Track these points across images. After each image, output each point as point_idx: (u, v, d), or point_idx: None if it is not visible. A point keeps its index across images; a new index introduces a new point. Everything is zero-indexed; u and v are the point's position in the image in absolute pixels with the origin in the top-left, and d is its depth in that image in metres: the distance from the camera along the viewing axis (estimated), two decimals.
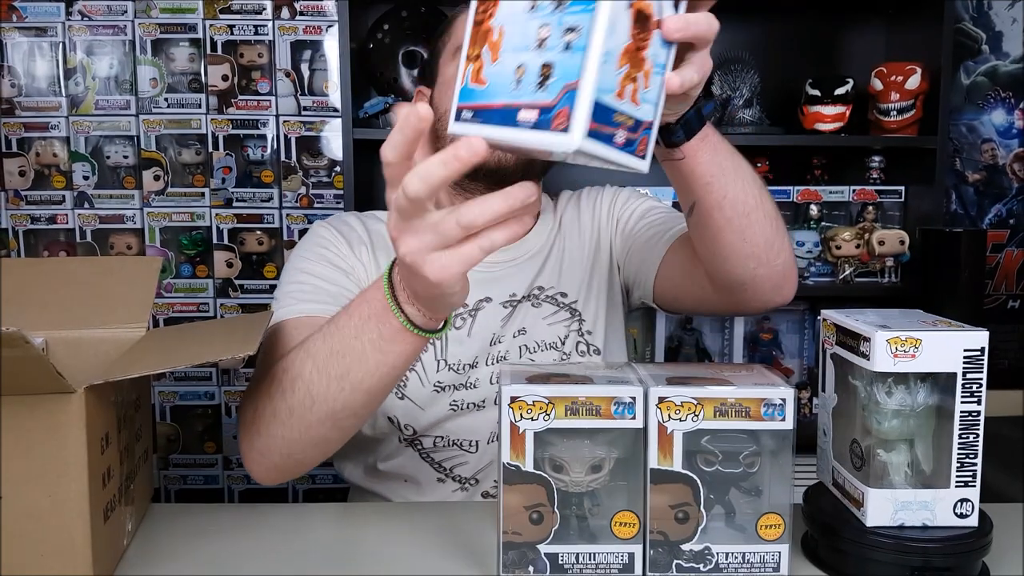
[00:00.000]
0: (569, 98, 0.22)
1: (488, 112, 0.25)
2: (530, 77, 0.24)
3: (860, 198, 0.92)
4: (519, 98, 0.24)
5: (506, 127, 0.24)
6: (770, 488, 0.32)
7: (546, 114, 0.23)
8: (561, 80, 0.23)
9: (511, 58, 0.24)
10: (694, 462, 0.32)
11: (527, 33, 0.24)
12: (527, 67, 0.24)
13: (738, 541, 0.33)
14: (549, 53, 0.23)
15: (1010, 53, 0.98)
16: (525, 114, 0.24)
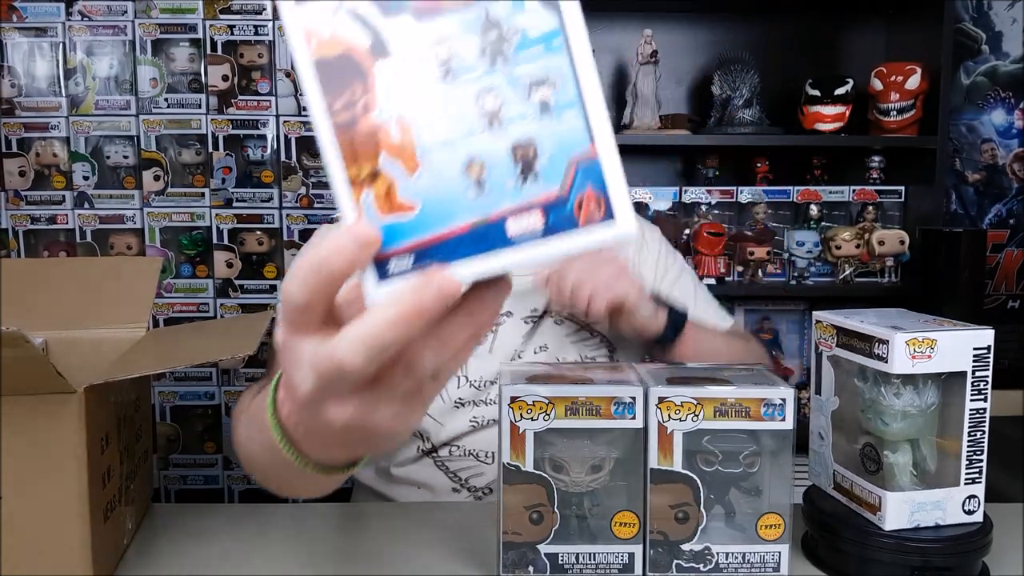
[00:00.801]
0: (588, 175, 0.16)
1: (444, 246, 0.16)
2: (500, 171, 0.16)
3: (860, 198, 0.92)
4: (494, 206, 0.16)
5: (496, 253, 0.16)
6: (770, 488, 0.32)
7: (559, 209, 0.16)
8: (561, 157, 0.16)
9: (446, 156, 0.16)
10: (694, 462, 0.32)
11: (459, 113, 0.16)
12: (486, 160, 0.16)
13: (738, 541, 0.33)
14: (517, 127, 0.16)
15: (1010, 53, 0.98)
16: (520, 222, 0.16)
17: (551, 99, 0.16)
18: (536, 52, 0.16)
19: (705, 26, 0.97)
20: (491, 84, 0.16)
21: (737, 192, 0.92)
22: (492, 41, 0.16)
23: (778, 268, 0.92)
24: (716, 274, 0.89)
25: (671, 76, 0.96)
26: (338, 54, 0.16)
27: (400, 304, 0.16)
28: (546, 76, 0.16)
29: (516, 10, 0.16)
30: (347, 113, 0.16)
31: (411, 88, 0.16)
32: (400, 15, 0.16)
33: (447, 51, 0.16)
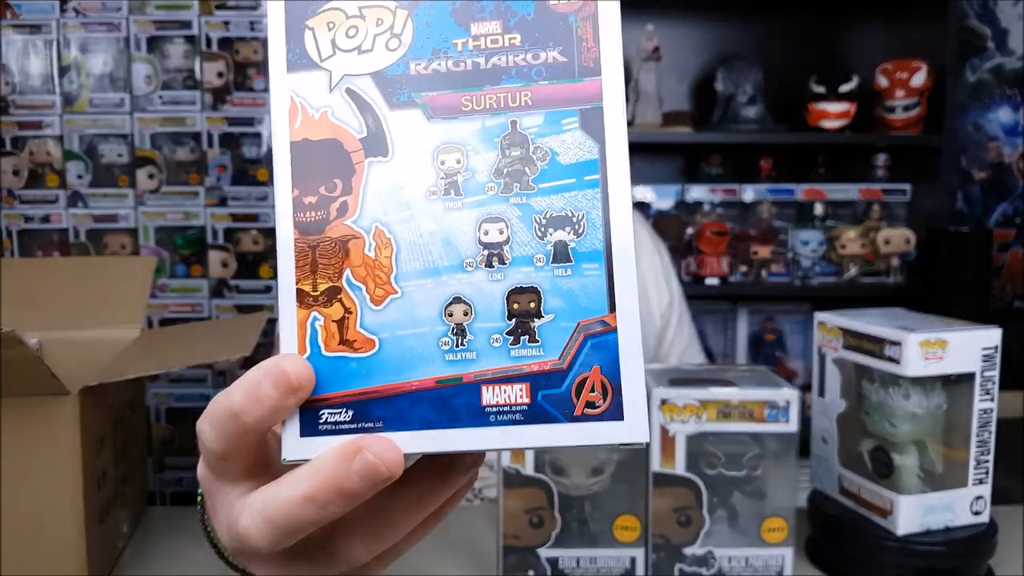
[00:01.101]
0: (599, 351, 0.12)
1: (396, 404, 0.13)
2: (488, 321, 0.12)
3: (865, 196, 0.91)
4: (471, 364, 0.12)
5: (460, 428, 0.12)
6: (774, 491, 0.32)
7: (553, 387, 0.12)
8: (568, 319, 0.12)
9: (427, 290, 0.13)
10: (697, 465, 0.32)
11: (450, 238, 0.13)
12: (475, 303, 0.13)
13: (741, 545, 0.32)
14: (520, 270, 0.13)
15: (1016, 50, 0.98)
16: (499, 393, 0.12)
17: (570, 244, 0.13)
18: (564, 184, 0.13)
19: (708, 22, 0.97)
20: (500, 212, 0.13)
21: (741, 190, 0.91)
22: (513, 160, 0.13)
23: (782, 267, 0.91)
24: (719, 273, 0.88)
25: (673, 73, 0.96)
26: (324, 139, 0.13)
27: (318, 476, 0.12)
28: (569, 215, 0.13)
29: (550, 129, 0.13)
30: (317, 212, 0.13)
31: (403, 198, 0.13)
32: (409, 109, 0.13)
33: (456, 162, 0.13)
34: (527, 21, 0.13)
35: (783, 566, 0.32)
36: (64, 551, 0.31)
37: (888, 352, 0.31)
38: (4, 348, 0.26)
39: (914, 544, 0.32)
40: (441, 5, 0.14)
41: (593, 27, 0.13)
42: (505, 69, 0.13)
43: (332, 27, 0.14)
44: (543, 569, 0.32)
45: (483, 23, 0.13)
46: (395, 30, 0.13)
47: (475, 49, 0.13)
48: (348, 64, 0.13)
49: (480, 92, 0.13)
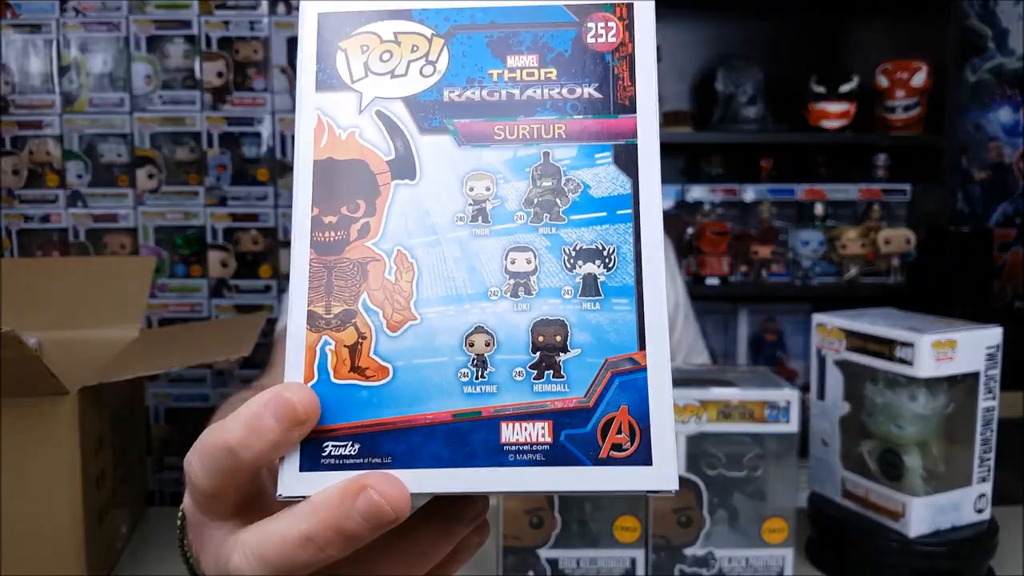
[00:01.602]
0: (627, 390, 0.11)
1: (407, 438, 0.12)
2: (511, 353, 0.12)
3: (866, 196, 0.91)
4: (491, 398, 0.12)
5: (476, 466, 0.11)
6: (774, 492, 0.32)
7: (577, 426, 0.11)
8: (595, 355, 0.12)
9: (448, 318, 0.12)
10: (697, 465, 0.32)
11: (476, 266, 0.12)
12: (498, 334, 0.12)
13: (741, 545, 0.32)
14: (547, 302, 0.12)
15: (1016, 50, 0.98)
16: (520, 431, 0.11)
17: (600, 278, 0.12)
18: (595, 217, 0.12)
19: (708, 22, 0.97)
20: (528, 241, 0.12)
21: (741, 190, 0.91)
22: (544, 190, 0.13)
23: (782, 268, 0.91)
24: (719, 274, 0.88)
25: (674, 73, 0.96)
26: (350, 159, 0.13)
27: (317, 515, 0.11)
28: (600, 248, 0.12)
29: (583, 162, 0.13)
30: (336, 232, 0.13)
31: (429, 223, 0.13)
32: (440, 135, 0.13)
33: (485, 189, 0.13)
34: (564, 57, 0.13)
35: (783, 567, 0.32)
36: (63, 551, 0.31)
37: (899, 354, 0.31)
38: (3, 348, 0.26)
39: (915, 545, 0.32)
40: (478, 36, 0.13)
41: (630, 67, 0.14)
42: (540, 102, 0.13)
43: (366, 50, 0.14)
44: (543, 570, 0.32)
45: (520, 56, 0.13)
46: (430, 57, 0.13)
47: (510, 80, 0.13)
48: (380, 87, 0.13)
49: (514, 122, 0.13)
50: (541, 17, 0.14)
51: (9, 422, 0.30)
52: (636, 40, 0.14)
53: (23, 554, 0.31)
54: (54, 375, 0.29)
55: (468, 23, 0.14)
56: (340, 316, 0.13)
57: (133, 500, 0.39)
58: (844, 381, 0.35)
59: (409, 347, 0.12)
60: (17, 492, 0.31)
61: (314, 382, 0.12)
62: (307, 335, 0.13)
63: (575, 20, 0.14)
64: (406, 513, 0.12)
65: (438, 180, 0.13)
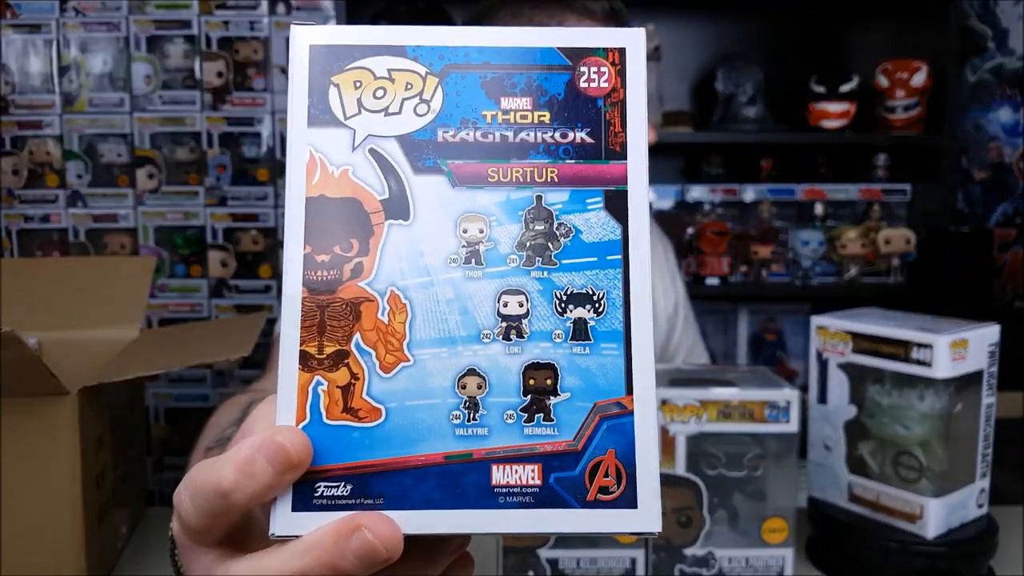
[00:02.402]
0: (615, 434, 0.12)
1: (399, 479, 0.12)
2: (502, 396, 0.12)
3: (866, 196, 0.91)
4: (483, 440, 0.12)
5: (466, 509, 0.12)
6: (774, 492, 0.32)
7: (566, 469, 0.12)
8: (584, 399, 0.12)
9: (441, 360, 0.12)
10: (697, 465, 0.32)
11: (469, 308, 0.12)
12: (489, 376, 0.12)
13: (741, 545, 0.32)
14: (538, 346, 0.12)
15: (1016, 50, 0.97)
16: (510, 473, 0.12)
17: (590, 323, 0.12)
18: (586, 262, 0.13)
19: (708, 22, 0.97)
20: (521, 285, 0.13)
21: (741, 190, 0.91)
22: (536, 234, 0.13)
23: (782, 267, 0.91)
24: (719, 273, 0.88)
25: (674, 73, 0.95)
26: (343, 197, 0.13)
27: (311, 553, 0.12)
28: (590, 293, 0.13)
29: (574, 207, 0.13)
30: (329, 271, 0.13)
31: (422, 263, 0.13)
32: (434, 175, 0.13)
33: (479, 231, 0.13)
34: (557, 101, 0.14)
35: (783, 567, 0.32)
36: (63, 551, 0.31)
37: (916, 355, 0.31)
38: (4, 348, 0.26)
39: (915, 545, 0.32)
40: (472, 76, 0.13)
41: (621, 113, 0.14)
42: (533, 145, 0.13)
43: (359, 86, 0.13)
44: (543, 570, 0.32)
45: (513, 98, 0.13)
46: (424, 96, 0.13)
47: (504, 123, 0.13)
48: (373, 125, 0.13)
49: (507, 164, 0.13)
50: (535, 59, 0.14)
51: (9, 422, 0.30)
52: (628, 86, 0.14)
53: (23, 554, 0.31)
54: (54, 375, 0.29)
55: (463, 62, 0.14)
56: (333, 356, 0.13)
57: (133, 500, 0.39)
58: (850, 384, 0.35)
59: (402, 389, 0.12)
60: (17, 492, 0.31)
61: (306, 423, 0.12)
62: (299, 375, 0.13)
63: (568, 64, 0.14)
64: (398, 553, 0.12)
65: (432, 221, 0.13)
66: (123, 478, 0.37)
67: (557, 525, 0.12)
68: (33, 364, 0.28)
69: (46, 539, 0.31)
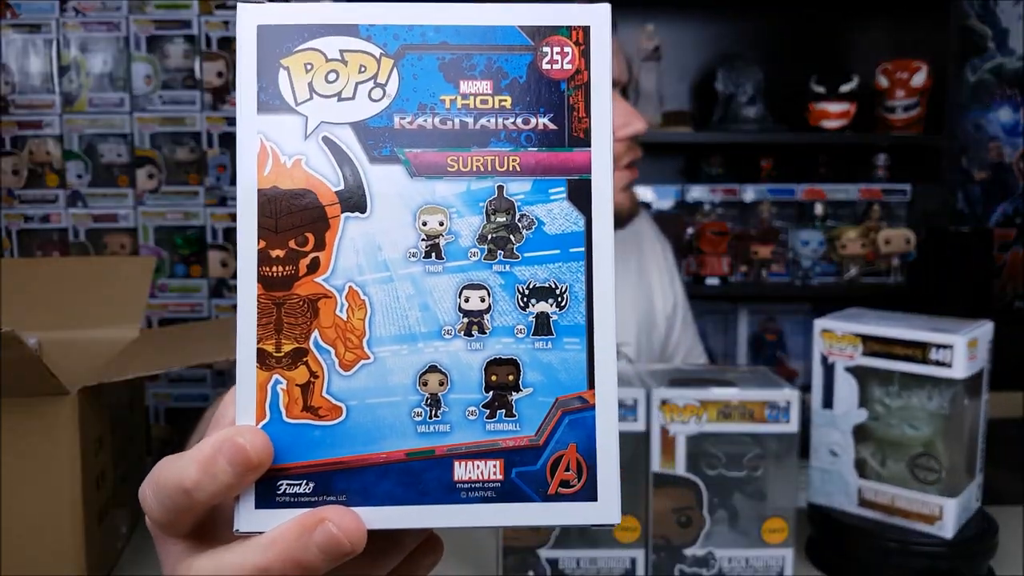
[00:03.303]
0: (576, 429, 0.12)
1: (361, 476, 0.12)
2: (464, 393, 0.12)
3: (866, 196, 0.91)
4: (444, 437, 0.12)
5: (429, 504, 0.12)
6: (774, 492, 0.32)
7: (527, 464, 0.12)
8: (546, 394, 0.12)
9: (401, 357, 0.12)
10: (697, 465, 0.32)
11: (429, 304, 0.12)
12: (451, 373, 0.12)
13: (742, 545, 0.32)
14: (500, 341, 0.12)
15: (1016, 50, 0.98)
16: (472, 469, 0.12)
17: (552, 317, 0.12)
18: (548, 255, 0.12)
19: (708, 22, 0.97)
20: (482, 279, 0.12)
21: (741, 190, 0.91)
22: (498, 226, 0.13)
23: (782, 268, 0.91)
24: (719, 273, 0.88)
25: (674, 73, 0.95)
26: (296, 188, 0.12)
27: (274, 547, 0.12)
28: (553, 287, 0.12)
29: (537, 197, 0.13)
30: (285, 267, 0.12)
31: (381, 258, 0.12)
32: (391, 164, 0.13)
33: (439, 224, 0.12)
34: (518, 84, 0.13)
35: (783, 567, 0.32)
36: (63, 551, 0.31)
37: (935, 356, 0.31)
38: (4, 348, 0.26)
39: (915, 545, 0.32)
40: (429, 58, 0.13)
41: (585, 97, 0.13)
42: (494, 131, 0.13)
43: (310, 69, 0.13)
44: (543, 570, 0.32)
45: (473, 82, 0.13)
46: (379, 79, 0.13)
47: (463, 108, 0.13)
48: (326, 111, 0.13)
49: (467, 153, 0.13)
50: (495, 39, 0.13)
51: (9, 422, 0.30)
52: (592, 68, 0.13)
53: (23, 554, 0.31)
54: (54, 375, 0.29)
55: (419, 43, 0.13)
56: (291, 355, 0.12)
57: (133, 500, 0.39)
58: (859, 387, 0.34)
59: (362, 386, 0.12)
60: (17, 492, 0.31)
61: (266, 422, 0.12)
62: (257, 374, 0.12)
63: (530, 44, 0.13)
64: (362, 546, 0.12)
65: (390, 214, 0.13)
66: (123, 478, 0.37)
67: (518, 519, 0.12)
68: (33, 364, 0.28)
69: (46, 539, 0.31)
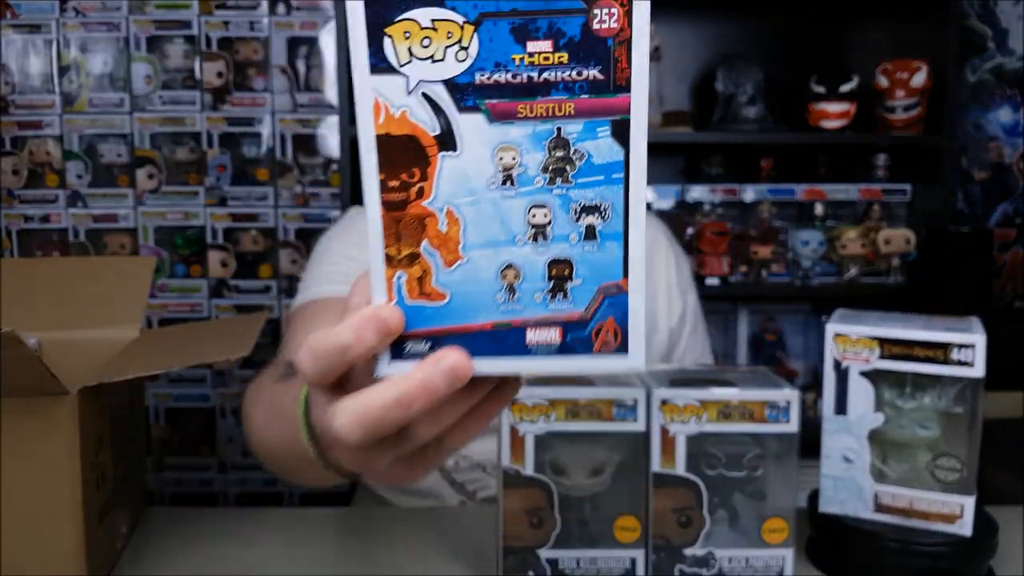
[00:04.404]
0: (614, 306, 0.17)
1: (462, 339, 0.17)
2: (532, 283, 0.17)
3: (866, 196, 0.91)
4: (519, 313, 0.17)
5: (510, 357, 0.17)
6: (774, 492, 0.32)
7: (578, 331, 0.17)
8: (592, 283, 0.17)
9: (487, 258, 0.17)
10: (697, 465, 0.32)
11: (506, 219, 0.17)
12: (523, 269, 0.17)
13: (742, 545, 0.32)
14: (558, 245, 0.17)
15: (1016, 50, 0.98)
16: (539, 334, 0.17)
17: (597, 227, 0.17)
18: (595, 180, 0.17)
19: (708, 22, 0.97)
20: (545, 200, 0.17)
21: (741, 190, 0.91)
22: (557, 159, 0.17)
23: (782, 268, 0.91)
24: (719, 273, 0.88)
25: (674, 73, 0.96)
26: (404, 134, 0.17)
27: (405, 383, 0.17)
28: (598, 204, 0.17)
29: (587, 135, 0.17)
30: (400, 194, 0.17)
31: (469, 186, 0.17)
32: (474, 113, 0.17)
33: (512, 159, 0.17)
34: (573, 42, 0.17)
35: (783, 567, 0.32)
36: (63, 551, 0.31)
37: (956, 356, 0.31)
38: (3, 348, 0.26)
39: (915, 544, 0.32)
40: (502, 23, 0.17)
41: (627, 51, 0.17)
42: (554, 83, 0.17)
43: (408, 36, 0.17)
44: (543, 570, 0.32)
45: (537, 42, 0.17)
46: (463, 43, 0.17)
47: (530, 65, 0.17)
48: (423, 71, 0.17)
49: (533, 102, 0.17)
50: (556, 4, 0.16)
51: (9, 422, 0.30)
52: (634, 25, 0.17)
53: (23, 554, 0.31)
54: (54, 375, 0.29)
55: (494, 11, 0.17)
56: (408, 257, 0.18)
57: (133, 500, 0.39)
58: (875, 391, 0.33)
59: (460, 279, 0.17)
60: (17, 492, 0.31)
61: (394, 303, 0.18)
62: (385, 270, 0.18)
63: (583, 7, 0.17)
64: (467, 378, 0.17)
65: (475, 152, 0.17)
66: (123, 478, 0.37)
67: (573, 367, 0.17)
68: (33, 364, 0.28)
69: (46, 539, 0.31)
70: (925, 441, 0.33)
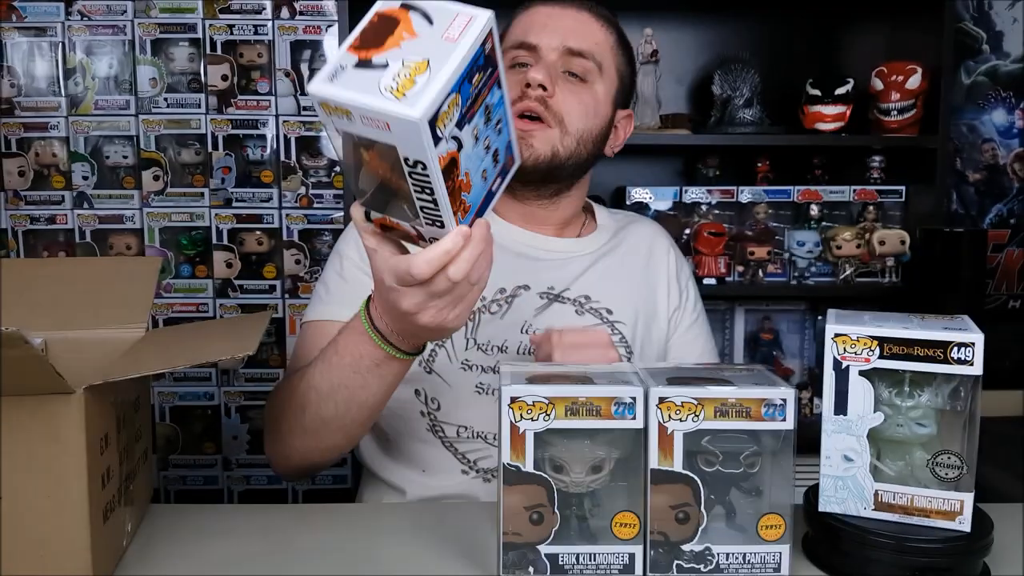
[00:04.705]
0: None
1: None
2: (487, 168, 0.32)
3: (861, 198, 0.92)
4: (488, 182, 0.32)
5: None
6: (771, 488, 0.32)
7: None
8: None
9: (478, 179, 0.31)
10: (695, 462, 0.32)
11: (481, 155, 0.31)
12: (486, 169, 0.31)
13: (739, 541, 0.32)
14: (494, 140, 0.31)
15: (1011, 53, 0.98)
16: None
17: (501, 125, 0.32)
18: (496, 98, 0.31)
19: (706, 25, 0.97)
20: (487, 135, 0.30)
21: (738, 192, 0.92)
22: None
23: (778, 268, 0.92)
24: (716, 274, 0.89)
25: (671, 76, 0.96)
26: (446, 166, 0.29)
27: (444, 243, 0.31)
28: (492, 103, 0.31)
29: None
30: (450, 183, 0.29)
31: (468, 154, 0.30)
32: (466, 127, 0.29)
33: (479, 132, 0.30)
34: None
35: (780, 562, 0.32)
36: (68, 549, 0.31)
37: (957, 354, 0.31)
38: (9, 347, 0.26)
39: (912, 542, 0.32)
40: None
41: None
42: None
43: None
44: (543, 565, 0.32)
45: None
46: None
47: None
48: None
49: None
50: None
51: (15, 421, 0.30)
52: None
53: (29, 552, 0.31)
54: (60, 374, 0.29)
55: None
56: (460, 204, 0.31)
57: (138, 498, 0.39)
58: (875, 390, 0.33)
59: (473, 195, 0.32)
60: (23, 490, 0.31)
61: (458, 223, 0.31)
62: (453, 215, 0.31)
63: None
64: (487, 224, 0.33)
65: (473, 150, 0.34)
66: (128, 476, 0.37)
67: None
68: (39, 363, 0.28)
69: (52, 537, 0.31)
70: (922, 439, 0.33)
